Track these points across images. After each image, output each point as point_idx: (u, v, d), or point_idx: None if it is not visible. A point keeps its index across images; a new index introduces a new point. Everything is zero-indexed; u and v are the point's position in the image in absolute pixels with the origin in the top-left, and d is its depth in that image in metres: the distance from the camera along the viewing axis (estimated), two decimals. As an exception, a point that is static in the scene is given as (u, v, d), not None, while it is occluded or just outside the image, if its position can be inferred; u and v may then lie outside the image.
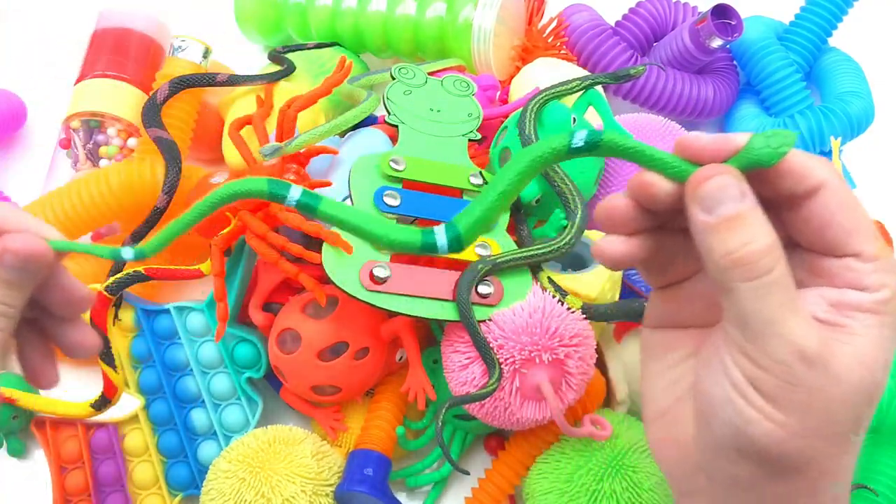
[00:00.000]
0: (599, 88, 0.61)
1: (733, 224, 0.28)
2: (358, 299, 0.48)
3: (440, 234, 0.30)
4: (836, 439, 0.29)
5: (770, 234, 0.28)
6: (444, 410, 0.46)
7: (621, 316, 0.53)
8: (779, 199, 0.30)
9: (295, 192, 0.30)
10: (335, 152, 0.54)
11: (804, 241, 0.31)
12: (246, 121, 0.58)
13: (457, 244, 0.30)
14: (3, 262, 0.32)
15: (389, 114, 0.57)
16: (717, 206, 0.28)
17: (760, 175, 0.30)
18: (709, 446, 0.31)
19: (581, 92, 0.56)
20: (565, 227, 0.52)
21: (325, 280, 0.51)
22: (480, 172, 0.55)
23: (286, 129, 0.53)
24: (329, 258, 0.48)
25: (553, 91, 0.55)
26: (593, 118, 0.59)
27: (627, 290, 0.59)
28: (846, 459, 0.30)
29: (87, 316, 0.54)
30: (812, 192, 0.29)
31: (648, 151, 0.30)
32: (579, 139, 0.29)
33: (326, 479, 0.51)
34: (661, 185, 0.30)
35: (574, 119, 0.54)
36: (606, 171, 0.57)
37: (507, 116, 0.60)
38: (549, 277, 0.51)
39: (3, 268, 0.32)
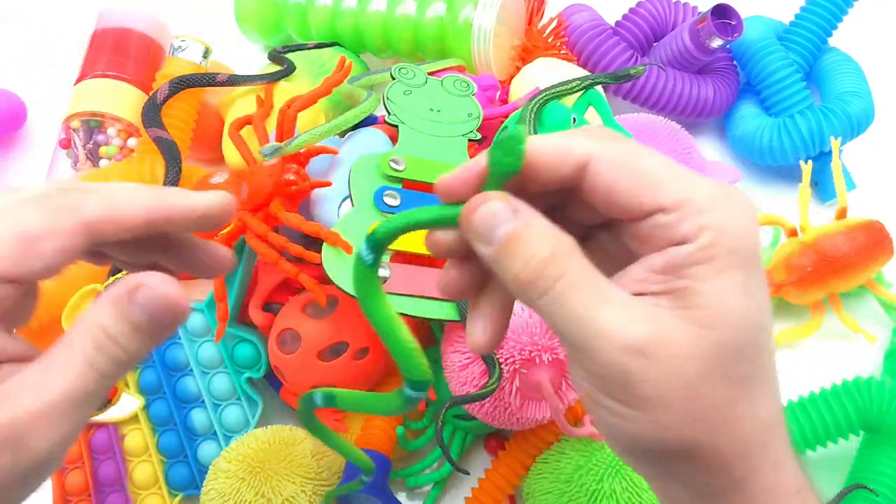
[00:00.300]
0: (599, 88, 0.61)
1: (511, 246, 0.27)
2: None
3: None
4: (715, 415, 0.27)
5: (550, 242, 0.27)
6: (443, 410, 0.46)
7: None
8: (564, 193, 0.29)
9: None
10: (335, 152, 0.54)
11: (612, 218, 0.29)
12: (246, 121, 0.58)
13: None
14: (134, 301, 0.27)
15: (389, 114, 0.57)
16: (492, 235, 0.27)
17: (530, 182, 0.28)
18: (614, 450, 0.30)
19: (581, 92, 0.56)
20: None
21: (325, 280, 0.51)
22: None
23: (286, 129, 0.53)
24: (329, 258, 0.48)
25: (553, 91, 0.55)
26: (594, 119, 0.59)
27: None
28: (747, 429, 0.28)
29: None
30: (581, 170, 0.28)
31: (415, 217, 0.28)
32: (367, 255, 0.28)
33: (326, 478, 0.51)
34: (443, 239, 0.29)
35: (574, 119, 0.54)
36: None
37: (507, 116, 0.60)
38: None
39: (135, 307, 0.27)
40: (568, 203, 0.29)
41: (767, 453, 0.28)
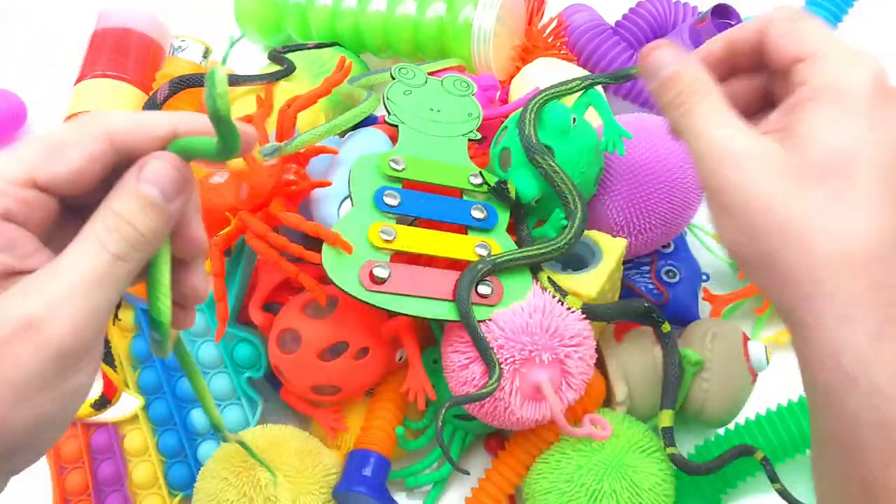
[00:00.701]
0: (599, 88, 0.61)
1: (669, 82, 0.34)
2: (358, 299, 0.48)
3: None
4: (790, 228, 0.31)
5: (695, 79, 0.34)
6: (443, 411, 0.46)
7: (621, 316, 0.53)
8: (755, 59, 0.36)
9: None
10: (335, 152, 0.54)
11: (774, 70, 0.35)
12: (246, 120, 0.58)
13: None
14: (142, 178, 0.28)
15: (389, 114, 0.57)
16: (658, 74, 0.34)
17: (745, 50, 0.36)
18: None
19: (581, 92, 0.56)
20: (565, 227, 0.52)
21: (325, 280, 0.51)
22: (480, 172, 0.55)
23: (286, 129, 0.53)
24: (329, 258, 0.48)
25: (553, 91, 0.55)
26: (594, 119, 0.59)
27: (627, 290, 0.59)
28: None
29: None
30: (763, 34, 0.34)
31: None
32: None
33: (312, 476, 0.51)
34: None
35: (574, 119, 0.54)
36: (606, 171, 0.58)
37: (507, 116, 0.60)
38: (549, 277, 0.51)
39: (143, 182, 0.28)
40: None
41: (841, 285, 0.30)
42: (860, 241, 0.30)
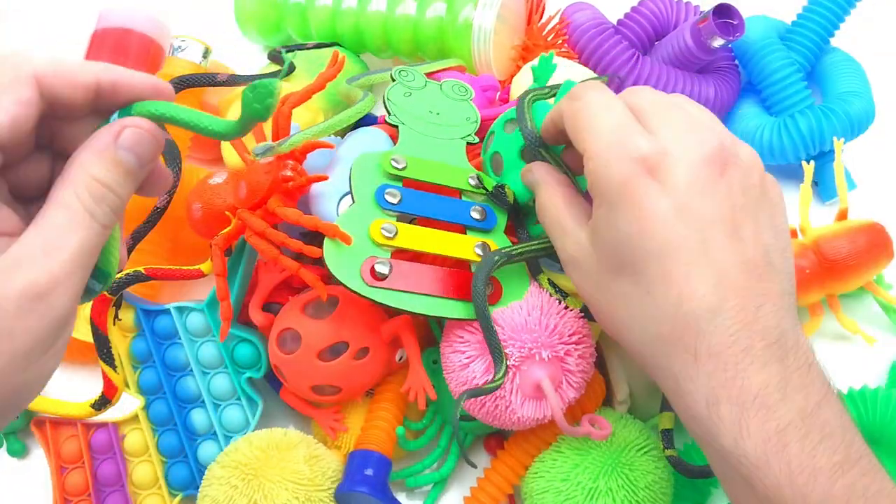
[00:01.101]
0: (584, 76, 0.62)
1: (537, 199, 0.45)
2: (359, 295, 0.48)
3: None
4: (620, 308, 0.37)
5: (543, 189, 0.45)
6: (459, 405, 0.45)
7: None
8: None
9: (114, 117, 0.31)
10: (331, 146, 0.54)
11: None
12: (245, 120, 0.58)
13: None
14: (122, 145, 0.29)
15: (390, 114, 0.57)
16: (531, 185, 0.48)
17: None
18: None
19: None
20: None
21: (325, 281, 0.51)
22: (478, 175, 0.55)
23: (281, 127, 0.53)
24: (330, 253, 0.48)
25: (537, 92, 0.55)
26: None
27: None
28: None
29: (88, 316, 0.54)
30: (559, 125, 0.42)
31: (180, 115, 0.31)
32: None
33: (320, 483, 0.51)
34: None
35: None
36: None
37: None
38: (548, 280, 0.51)
39: (124, 150, 0.29)
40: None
41: (671, 364, 0.34)
42: (663, 323, 0.34)
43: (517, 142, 0.53)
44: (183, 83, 0.61)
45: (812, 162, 0.62)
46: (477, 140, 0.58)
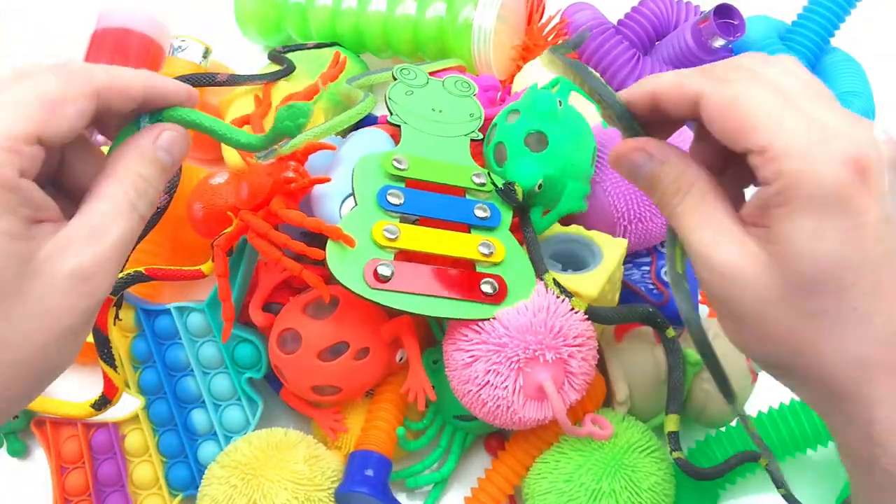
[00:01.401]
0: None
1: (651, 182, 0.35)
2: (362, 297, 0.48)
3: None
4: (790, 341, 0.31)
5: (676, 177, 0.33)
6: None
7: (625, 320, 0.52)
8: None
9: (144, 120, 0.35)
10: (332, 147, 0.54)
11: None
12: (244, 120, 0.58)
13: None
14: (160, 146, 0.33)
15: (392, 114, 0.57)
16: (637, 175, 0.35)
17: (659, 111, 0.34)
18: None
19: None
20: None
21: (327, 281, 0.51)
22: (487, 173, 0.55)
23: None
24: (333, 256, 0.48)
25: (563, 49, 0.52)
26: (594, 118, 0.59)
27: (626, 290, 0.59)
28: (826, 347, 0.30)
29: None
30: (695, 106, 0.32)
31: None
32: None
33: (319, 483, 0.51)
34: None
35: (560, 103, 0.55)
36: (600, 153, 0.58)
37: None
38: (554, 279, 0.51)
39: (162, 151, 0.33)
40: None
41: (870, 389, 0.30)
42: (870, 343, 0.30)
43: (520, 131, 0.54)
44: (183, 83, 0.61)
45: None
46: (481, 136, 0.58)
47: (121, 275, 0.53)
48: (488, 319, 0.49)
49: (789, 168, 0.29)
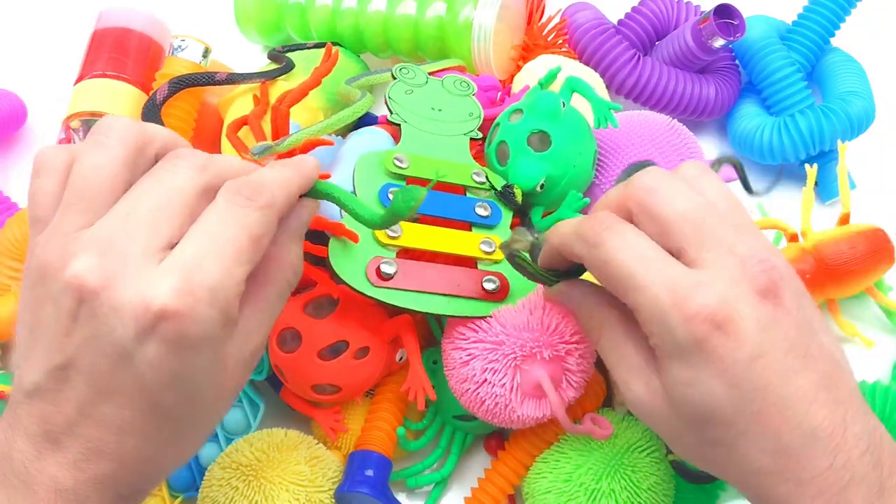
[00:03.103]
0: (584, 76, 0.62)
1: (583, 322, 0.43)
2: (366, 295, 0.48)
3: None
4: (703, 460, 0.37)
5: (591, 317, 0.40)
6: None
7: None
8: None
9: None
10: (331, 143, 0.55)
11: None
12: (243, 121, 0.58)
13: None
14: (301, 218, 0.39)
15: (392, 113, 0.57)
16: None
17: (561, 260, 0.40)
18: None
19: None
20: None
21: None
22: (485, 172, 0.55)
23: (280, 126, 0.53)
24: (335, 254, 0.48)
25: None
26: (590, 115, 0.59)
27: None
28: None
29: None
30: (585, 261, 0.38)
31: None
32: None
33: (321, 484, 0.51)
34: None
35: (563, 103, 0.55)
36: (603, 155, 0.58)
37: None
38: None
39: (298, 222, 0.39)
40: None
41: (774, 494, 0.34)
42: (762, 458, 0.34)
43: (523, 130, 0.54)
44: (182, 83, 0.61)
45: (815, 165, 0.62)
46: (480, 136, 0.58)
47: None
48: (486, 317, 0.49)
49: (652, 330, 0.34)
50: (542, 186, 0.54)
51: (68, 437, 0.31)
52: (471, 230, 0.53)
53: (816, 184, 0.68)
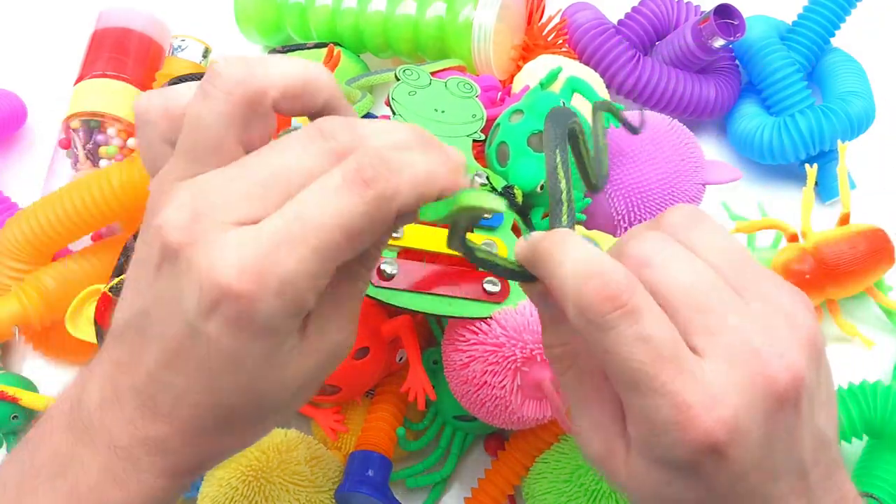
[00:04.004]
0: (585, 76, 0.62)
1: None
2: (367, 295, 0.48)
3: None
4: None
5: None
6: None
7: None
8: None
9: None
10: None
11: None
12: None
13: None
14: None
15: (394, 114, 0.57)
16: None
17: None
18: None
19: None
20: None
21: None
22: (487, 174, 0.55)
23: (280, 126, 0.53)
24: None
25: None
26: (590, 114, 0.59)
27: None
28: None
29: (91, 317, 0.54)
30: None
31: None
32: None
33: (320, 484, 0.51)
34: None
35: (564, 104, 0.55)
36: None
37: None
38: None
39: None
40: None
41: None
42: None
43: (523, 131, 0.54)
44: (182, 83, 0.61)
45: (815, 165, 0.62)
46: (483, 137, 0.58)
47: (123, 276, 0.53)
48: (486, 319, 0.49)
49: (640, 431, 0.30)
50: (542, 187, 0.54)
51: (129, 392, 0.30)
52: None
53: (816, 184, 0.68)
